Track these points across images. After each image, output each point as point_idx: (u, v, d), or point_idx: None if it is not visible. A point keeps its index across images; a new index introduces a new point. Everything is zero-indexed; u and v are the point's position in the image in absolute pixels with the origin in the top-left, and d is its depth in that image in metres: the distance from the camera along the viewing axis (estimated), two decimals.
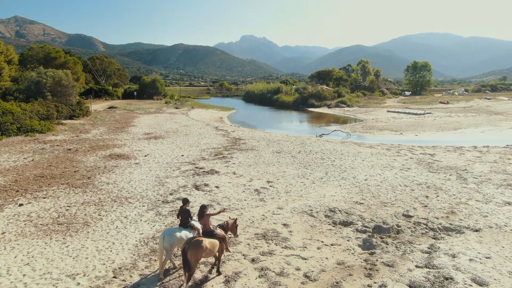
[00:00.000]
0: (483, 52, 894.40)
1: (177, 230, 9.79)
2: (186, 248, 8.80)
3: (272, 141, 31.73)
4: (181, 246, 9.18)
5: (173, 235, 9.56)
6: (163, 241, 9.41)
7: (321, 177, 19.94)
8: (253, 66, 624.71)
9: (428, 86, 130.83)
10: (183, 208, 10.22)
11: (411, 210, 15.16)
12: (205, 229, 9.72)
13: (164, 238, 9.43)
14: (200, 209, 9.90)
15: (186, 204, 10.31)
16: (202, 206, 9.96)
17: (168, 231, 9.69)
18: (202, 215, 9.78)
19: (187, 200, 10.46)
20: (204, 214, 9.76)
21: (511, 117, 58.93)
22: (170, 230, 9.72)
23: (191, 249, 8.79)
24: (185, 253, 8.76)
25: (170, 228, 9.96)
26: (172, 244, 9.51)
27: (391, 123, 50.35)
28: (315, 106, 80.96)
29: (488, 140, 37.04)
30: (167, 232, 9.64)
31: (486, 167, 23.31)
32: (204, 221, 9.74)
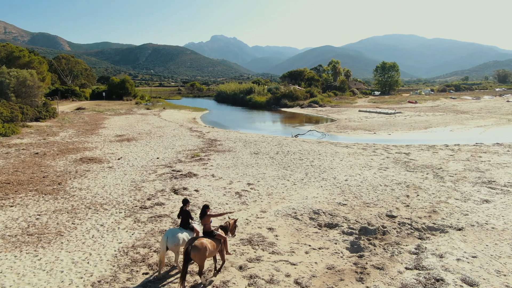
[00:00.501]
0: (446, 53, 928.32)
1: (179, 231, 9.82)
2: (188, 249, 8.78)
3: (249, 142, 31.34)
4: (185, 247, 9.11)
5: (176, 236, 9.62)
6: (167, 242, 9.45)
7: (301, 178, 19.71)
8: (223, 66, 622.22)
9: (396, 86, 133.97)
10: (184, 209, 10.20)
11: (394, 210, 15.14)
12: (205, 229, 9.65)
13: (168, 239, 9.48)
14: (202, 209, 9.80)
15: (186, 205, 10.28)
16: (204, 206, 9.85)
17: (171, 232, 9.71)
18: (204, 215, 9.70)
19: (187, 201, 10.37)
20: (206, 215, 9.70)
21: (476, 115, 61.07)
22: (172, 231, 9.74)
23: (194, 249, 8.80)
24: (188, 254, 8.75)
25: (172, 229, 9.91)
26: (176, 245, 9.60)
27: (364, 123, 51.03)
28: (288, 106, 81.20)
29: (458, 138, 38.05)
30: (170, 233, 9.66)
31: (460, 165, 23.79)
32: (205, 221, 9.67)
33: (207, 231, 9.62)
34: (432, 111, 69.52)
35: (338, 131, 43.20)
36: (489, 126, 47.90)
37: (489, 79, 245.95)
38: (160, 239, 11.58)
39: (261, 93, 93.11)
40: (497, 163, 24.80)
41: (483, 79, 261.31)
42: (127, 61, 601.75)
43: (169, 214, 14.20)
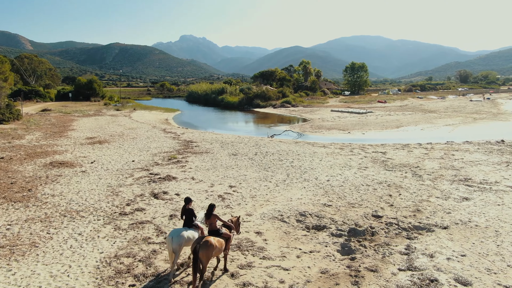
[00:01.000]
0: (410, 54, 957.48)
1: (183, 230, 9.78)
2: (197, 248, 8.78)
3: (226, 143, 30.86)
4: (191, 246, 9.10)
5: (181, 236, 9.56)
6: (172, 242, 9.38)
7: (283, 180, 19.46)
8: (193, 67, 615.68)
9: (365, 86, 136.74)
10: (187, 208, 10.18)
11: (379, 210, 15.13)
12: (211, 228, 9.69)
13: (173, 239, 9.41)
14: (208, 208, 9.84)
15: (189, 204, 10.26)
16: (210, 205, 9.90)
17: (175, 231, 9.67)
18: (210, 215, 9.74)
19: (189, 199, 10.35)
20: (212, 214, 9.74)
21: (443, 114, 63.00)
22: (177, 231, 9.71)
23: (203, 248, 8.80)
24: (197, 253, 8.74)
25: (176, 229, 9.88)
26: (180, 245, 9.51)
27: (338, 122, 51.54)
28: (260, 106, 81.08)
29: (429, 137, 38.99)
30: (175, 233, 9.61)
31: (435, 164, 24.24)
32: (211, 220, 9.71)
33: (214, 229, 9.63)
34: (402, 110, 71.20)
35: (313, 131, 43.36)
36: (457, 125, 49.46)
37: (451, 79, 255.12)
38: (157, 242, 11.00)
39: (233, 94, 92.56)
40: (470, 161, 25.46)
41: (446, 79, 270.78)
42: (93, 61, 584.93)
43: (151, 220, 13.58)
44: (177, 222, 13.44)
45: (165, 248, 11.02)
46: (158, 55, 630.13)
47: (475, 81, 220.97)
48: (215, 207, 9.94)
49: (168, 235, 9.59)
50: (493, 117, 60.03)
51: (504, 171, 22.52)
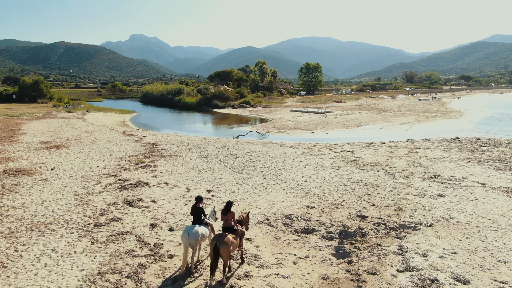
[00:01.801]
0: (359, 55, 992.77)
1: (196, 227, 9.96)
2: (218, 244, 8.98)
3: (193, 145, 29.93)
4: (210, 244, 9.29)
5: (196, 232, 9.79)
6: (188, 238, 9.59)
7: (261, 182, 19.02)
8: (144, 67, 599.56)
9: (320, 86, 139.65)
10: (197, 206, 10.37)
11: (362, 210, 15.08)
12: (227, 224, 9.91)
13: (189, 235, 9.63)
14: (226, 204, 10.04)
15: (200, 202, 10.46)
16: (229, 202, 10.10)
17: (190, 228, 9.87)
18: (228, 211, 9.94)
19: (201, 198, 10.57)
20: (230, 211, 9.95)
21: (397, 113, 65.48)
22: (191, 227, 9.90)
23: (223, 245, 9.01)
24: (217, 249, 8.98)
25: (190, 226, 10.05)
26: (197, 240, 9.78)
27: (299, 122, 51.92)
28: (219, 107, 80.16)
29: (389, 135, 40.20)
30: (190, 229, 9.81)
31: (403, 162, 24.84)
32: (228, 217, 9.91)
33: (229, 226, 9.85)
34: (358, 110, 73.22)
35: (277, 131, 43.31)
36: (412, 123, 51.50)
37: (398, 79, 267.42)
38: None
39: (190, 94, 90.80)
40: (434, 158, 26.36)
41: (393, 79, 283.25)
42: (37, 60, 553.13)
43: (130, 230, 12.62)
44: (160, 231, 12.60)
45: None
46: (107, 55, 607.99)
47: (419, 81, 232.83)
48: (233, 204, 10.20)
49: (184, 232, 9.75)
50: (443, 115, 63.21)
51: (467, 167, 23.48)
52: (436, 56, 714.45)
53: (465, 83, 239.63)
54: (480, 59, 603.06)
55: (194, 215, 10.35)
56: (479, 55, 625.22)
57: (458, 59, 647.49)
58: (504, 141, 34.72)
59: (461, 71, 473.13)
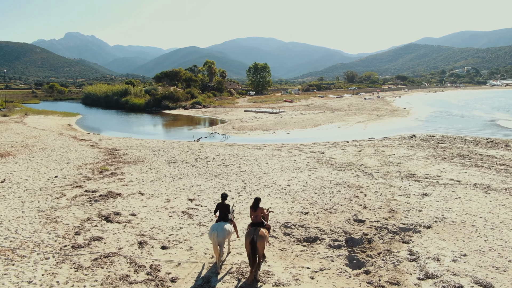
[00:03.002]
0: (301, 56, 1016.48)
1: (223, 224, 10.06)
2: (255, 239, 9.19)
3: (156, 150, 28.13)
4: (246, 238, 9.45)
5: (224, 229, 9.95)
6: (218, 236, 9.71)
7: (243, 188, 17.98)
8: (82, 67, 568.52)
9: (269, 86, 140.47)
10: (224, 204, 10.54)
11: (357, 214, 14.60)
12: (256, 220, 10.04)
13: (218, 234, 9.73)
14: (255, 201, 10.23)
15: (226, 199, 10.69)
16: (257, 198, 10.30)
17: (218, 226, 9.96)
18: (257, 207, 10.10)
19: (226, 196, 10.80)
20: (259, 207, 10.12)
21: (349, 112, 67.10)
22: (219, 225, 10.00)
23: (260, 239, 9.28)
24: (255, 243, 9.15)
25: (216, 224, 10.10)
26: (225, 237, 9.96)
27: (257, 123, 51.30)
28: (170, 108, 77.50)
29: (349, 134, 40.80)
30: (218, 227, 9.91)
31: (374, 161, 24.96)
32: (257, 213, 10.06)
33: (258, 221, 9.96)
34: (310, 109, 74.17)
35: (237, 132, 42.34)
36: (367, 122, 52.86)
37: (340, 79, 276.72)
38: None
39: (138, 95, 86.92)
40: (401, 156, 26.82)
41: (335, 79, 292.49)
42: None
43: (117, 251, 11.07)
44: (152, 250, 11.18)
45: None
46: (41, 54, 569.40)
47: (360, 81, 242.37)
48: (261, 200, 10.37)
49: (212, 230, 9.83)
50: (392, 113, 65.74)
51: (436, 164, 24.06)
52: (373, 57, 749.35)
53: (401, 83, 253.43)
54: (412, 60, 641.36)
55: (221, 212, 10.39)
56: (411, 56, 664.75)
57: (392, 60, 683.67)
58: (457, 138, 36.44)
59: (395, 71, 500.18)
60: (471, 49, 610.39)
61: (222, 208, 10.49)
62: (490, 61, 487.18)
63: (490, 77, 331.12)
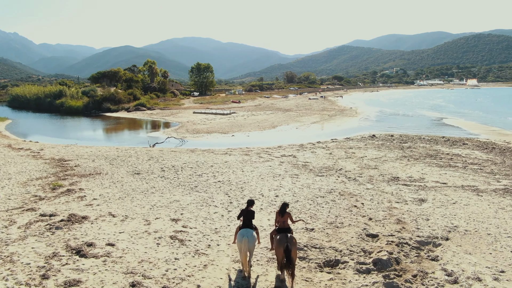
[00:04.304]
0: (239, 56, 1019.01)
1: (252, 231, 9.70)
2: (289, 246, 8.86)
3: (112, 159, 25.04)
4: (280, 245, 9.03)
5: (254, 236, 9.62)
6: (248, 243, 9.32)
7: (229, 202, 15.95)
8: (4, 66, 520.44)
9: (212, 86, 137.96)
10: (249, 210, 10.11)
11: (366, 227, 13.27)
12: (284, 225, 9.70)
13: (249, 240, 9.35)
14: (282, 206, 9.88)
15: (251, 205, 10.26)
16: (284, 203, 9.95)
17: (247, 232, 9.54)
18: (284, 213, 9.76)
19: (253, 202, 10.41)
20: (286, 212, 9.79)
21: (301, 113, 66.92)
22: (248, 231, 9.58)
23: (294, 246, 9.01)
24: (289, 251, 8.84)
25: (244, 230, 9.63)
26: (254, 245, 9.60)
27: (211, 125, 49.00)
28: (112, 110, 72.35)
29: (309, 135, 40.07)
30: (247, 233, 9.51)
31: (351, 164, 24.06)
32: (284, 218, 9.74)
33: (286, 227, 9.63)
34: (260, 110, 73.08)
35: (194, 136, 39.83)
36: (321, 122, 52.70)
37: (279, 80, 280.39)
38: None
39: (74, 97, 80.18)
40: (373, 158, 26.26)
41: (274, 79, 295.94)
42: None
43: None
44: None
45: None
46: None
47: (299, 81, 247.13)
48: (288, 205, 10.03)
49: (242, 237, 9.36)
50: (341, 113, 66.59)
51: (412, 165, 23.70)
52: (309, 58, 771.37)
53: (338, 83, 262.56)
54: (346, 61, 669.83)
55: (246, 218, 9.91)
56: (344, 58, 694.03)
57: (327, 61, 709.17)
58: (416, 137, 37.05)
59: (330, 71, 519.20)
60: (398, 51, 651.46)
61: (247, 214, 9.99)
62: (415, 63, 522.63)
63: (416, 78, 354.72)
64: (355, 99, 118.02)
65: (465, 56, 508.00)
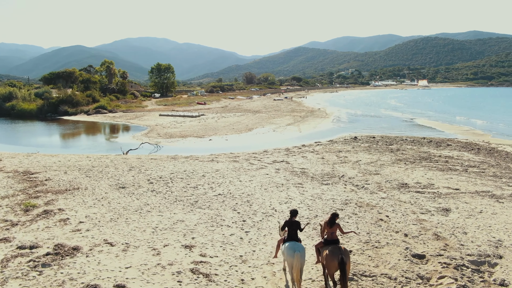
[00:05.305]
0: (196, 57, 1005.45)
1: (300, 244, 9.00)
2: (344, 259, 8.34)
3: (87, 170, 22.18)
4: (333, 258, 8.37)
5: (304, 249, 8.93)
6: (301, 257, 8.60)
7: (242, 220, 13.96)
8: None
9: (173, 87, 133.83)
10: (293, 220, 9.35)
11: (408, 246, 11.81)
12: (332, 237, 9.05)
13: (301, 255, 8.64)
14: (332, 216, 9.14)
15: (295, 216, 9.45)
16: (334, 214, 9.22)
17: (296, 245, 8.82)
18: (333, 223, 9.07)
19: (296, 212, 9.57)
20: (335, 223, 9.10)
21: (271, 114, 65.55)
22: (297, 245, 8.85)
23: (348, 259, 8.57)
24: (344, 264, 8.31)
25: (292, 243, 8.90)
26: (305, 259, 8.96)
27: (183, 128, 46.35)
28: (70, 113, 67.29)
29: (289, 138, 38.77)
30: (298, 247, 8.79)
31: (349, 170, 22.81)
32: (333, 229, 9.09)
33: (334, 239, 9.07)
34: (228, 111, 70.98)
35: (168, 141, 37.18)
36: (296, 124, 51.52)
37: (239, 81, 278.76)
38: None
39: (27, 99, 74.02)
40: (368, 162, 25.18)
41: (233, 80, 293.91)
42: None
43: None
44: None
45: None
46: None
47: (259, 82, 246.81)
48: (338, 216, 9.33)
49: (293, 251, 8.67)
50: (312, 114, 65.94)
51: (412, 169, 22.84)
52: (266, 59, 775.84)
53: (297, 84, 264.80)
54: (302, 62, 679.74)
55: (291, 230, 9.27)
56: (301, 59, 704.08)
57: (284, 62, 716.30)
58: (398, 138, 36.67)
59: (288, 72, 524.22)
60: (352, 53, 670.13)
61: (291, 225, 9.33)
62: (368, 64, 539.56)
63: (371, 78, 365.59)
64: (319, 100, 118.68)
65: (415, 58, 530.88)
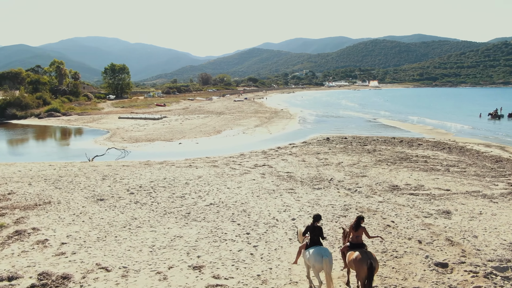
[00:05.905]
0: (148, 58, 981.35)
1: (327, 249, 8.94)
2: (373, 264, 8.21)
3: (54, 180, 20.03)
4: (362, 263, 8.23)
5: (331, 254, 8.85)
6: (330, 262, 8.56)
7: (246, 233, 12.85)
8: None
9: (129, 89, 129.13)
10: (315, 225, 9.22)
11: (428, 254, 11.30)
12: (357, 241, 9.00)
13: (329, 259, 8.56)
14: (357, 220, 9.07)
15: (318, 221, 9.31)
16: (359, 217, 9.13)
17: (323, 250, 8.75)
18: (358, 227, 9.01)
19: (319, 217, 9.39)
20: (360, 226, 9.02)
21: (235, 116, 64.46)
22: (324, 251, 8.74)
23: (377, 263, 8.47)
24: (373, 269, 8.22)
25: (318, 247, 8.86)
26: None
27: (148, 132, 44.15)
28: (19, 117, 62.40)
29: (262, 140, 38.00)
30: (325, 252, 8.71)
31: (336, 173, 22.34)
32: (358, 233, 9.02)
33: (359, 242, 8.98)
34: (190, 113, 69.07)
35: (135, 146, 35.06)
36: (264, 125, 50.81)
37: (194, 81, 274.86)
38: None
39: None
40: (351, 164, 24.91)
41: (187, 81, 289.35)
42: None
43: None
44: None
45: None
46: None
47: (215, 83, 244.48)
48: (364, 219, 9.23)
49: (320, 257, 8.51)
50: (276, 115, 65.59)
51: (396, 171, 22.76)
52: (221, 60, 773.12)
53: (254, 85, 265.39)
54: (257, 63, 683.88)
55: (314, 235, 9.18)
56: (255, 60, 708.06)
57: (239, 63, 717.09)
58: (370, 139, 36.88)
59: (242, 73, 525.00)
60: (305, 54, 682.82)
61: (314, 230, 9.25)
62: (321, 65, 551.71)
63: (324, 79, 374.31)
64: (279, 100, 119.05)
65: (365, 59, 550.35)
